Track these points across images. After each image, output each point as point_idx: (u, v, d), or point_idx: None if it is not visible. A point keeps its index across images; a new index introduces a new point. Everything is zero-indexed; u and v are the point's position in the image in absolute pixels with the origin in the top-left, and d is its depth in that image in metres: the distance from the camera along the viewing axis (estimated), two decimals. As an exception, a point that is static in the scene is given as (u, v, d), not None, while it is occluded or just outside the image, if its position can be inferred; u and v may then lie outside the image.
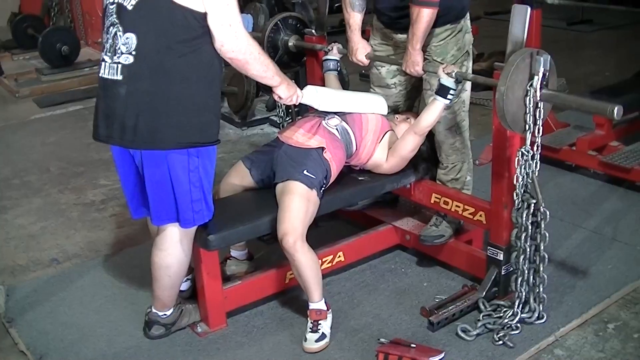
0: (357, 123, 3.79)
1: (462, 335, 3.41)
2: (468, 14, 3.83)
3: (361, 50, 4.03)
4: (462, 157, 3.93)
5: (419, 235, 3.96)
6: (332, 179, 3.66)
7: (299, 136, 3.69)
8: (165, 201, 3.19)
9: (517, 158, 3.34)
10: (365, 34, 4.11)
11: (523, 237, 3.37)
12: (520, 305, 3.44)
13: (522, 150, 3.30)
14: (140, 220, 3.73)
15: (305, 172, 3.50)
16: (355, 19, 4.02)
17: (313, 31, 4.36)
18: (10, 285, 4.14)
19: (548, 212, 3.36)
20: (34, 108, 8.15)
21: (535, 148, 3.30)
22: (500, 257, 3.55)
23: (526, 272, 3.41)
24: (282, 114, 4.89)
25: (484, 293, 3.59)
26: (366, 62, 4.06)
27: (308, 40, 4.36)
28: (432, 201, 3.96)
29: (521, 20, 3.20)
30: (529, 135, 3.26)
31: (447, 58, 3.74)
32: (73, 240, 4.73)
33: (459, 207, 3.81)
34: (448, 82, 3.50)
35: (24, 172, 6.03)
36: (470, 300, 3.59)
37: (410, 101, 4.17)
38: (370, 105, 3.90)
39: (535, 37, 5.09)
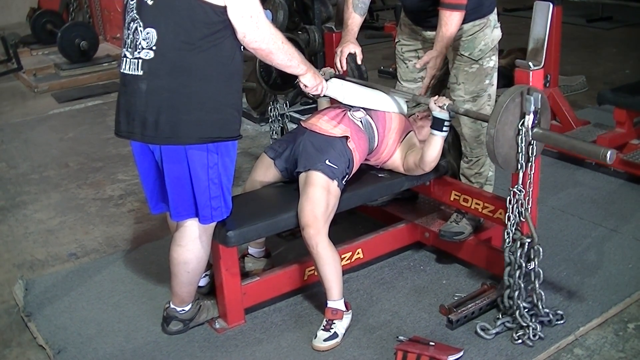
0: (380, 120, 3.78)
1: (481, 333, 3.39)
2: (495, 10, 3.81)
3: (346, 52, 3.92)
4: (486, 151, 3.91)
5: (439, 230, 3.95)
6: (354, 169, 3.67)
7: (323, 123, 3.69)
8: (184, 197, 3.19)
9: (508, 197, 3.32)
10: (384, 30, 4.08)
11: (517, 275, 3.34)
12: (531, 330, 3.37)
13: (515, 189, 3.28)
14: (158, 216, 3.75)
15: (327, 161, 3.50)
16: (354, 20, 3.98)
17: (333, 27, 4.34)
18: (29, 279, 4.15)
19: (541, 250, 3.32)
20: (53, 103, 8.19)
21: (528, 186, 3.27)
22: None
23: (522, 307, 3.37)
24: (274, 135, 4.87)
25: (502, 292, 3.57)
26: (344, 65, 3.94)
27: (328, 37, 4.34)
28: (451, 198, 3.94)
29: (543, 17, 3.17)
30: (521, 174, 3.24)
31: (475, 53, 3.74)
32: (91, 235, 4.75)
33: (478, 204, 3.79)
34: (442, 115, 3.51)
35: (42, 167, 6.06)
36: (489, 299, 3.58)
37: (436, 95, 4.15)
38: (392, 104, 3.88)
39: (555, 34, 5.07)
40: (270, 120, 4.85)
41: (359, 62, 3.98)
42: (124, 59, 3.11)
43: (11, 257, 4.50)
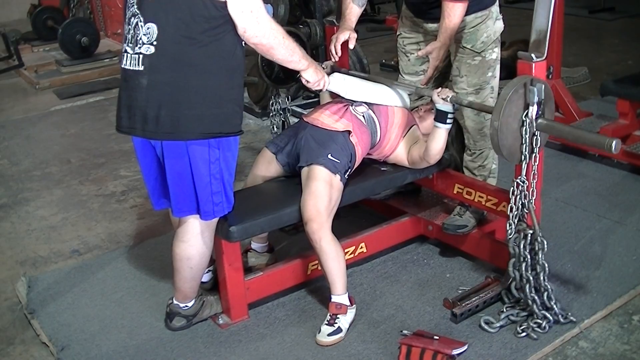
0: (383, 114, 3.77)
1: (485, 327, 3.38)
2: (497, 1, 3.80)
3: (341, 38, 3.90)
4: (489, 143, 3.90)
5: (442, 223, 3.94)
6: (357, 163, 3.66)
7: (325, 117, 3.68)
8: (185, 193, 3.18)
9: (511, 188, 3.29)
10: (385, 23, 4.06)
11: (523, 267, 3.31)
12: (532, 324, 3.35)
13: (518, 180, 3.26)
14: (160, 212, 3.74)
15: (329, 156, 3.49)
16: (352, 10, 3.97)
17: (334, 21, 4.32)
18: (32, 276, 4.15)
19: (546, 242, 3.30)
20: (54, 99, 8.19)
21: (532, 178, 3.25)
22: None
23: (530, 302, 3.35)
24: (275, 130, 4.79)
25: (508, 284, 3.55)
26: (338, 51, 3.93)
27: (329, 30, 4.33)
28: (454, 191, 3.93)
29: (545, 8, 3.15)
30: (524, 166, 3.22)
31: (477, 45, 3.73)
32: (94, 231, 4.74)
33: (482, 197, 3.78)
34: (445, 107, 3.49)
35: (44, 164, 6.06)
36: (493, 292, 3.56)
37: (438, 87, 4.14)
38: (394, 98, 3.86)
39: (557, 26, 5.05)
40: (271, 114, 4.81)
41: (352, 46, 3.95)
42: (125, 54, 3.10)
43: (14, 254, 4.50)
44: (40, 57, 9.94)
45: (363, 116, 3.71)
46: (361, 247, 3.89)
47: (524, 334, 3.31)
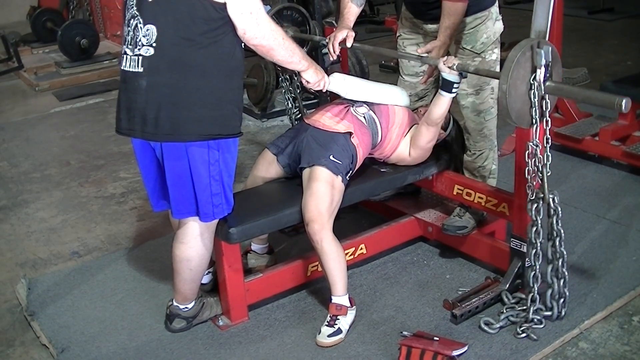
0: (384, 114, 3.77)
1: (485, 328, 3.37)
2: (497, 2, 3.80)
3: (339, 37, 3.89)
4: (490, 144, 3.91)
5: (442, 224, 3.94)
6: (358, 165, 3.66)
7: (326, 119, 3.68)
8: (185, 195, 3.18)
9: (526, 152, 3.28)
10: (385, 24, 4.05)
11: (533, 232, 3.32)
12: (534, 304, 3.37)
13: (531, 144, 3.24)
14: (160, 213, 3.74)
15: (331, 157, 3.49)
16: (350, 9, 3.96)
17: (333, 22, 4.31)
18: (32, 278, 4.15)
19: (560, 208, 3.29)
20: (54, 101, 8.18)
21: (544, 141, 3.24)
22: (524, 249, 3.49)
23: (538, 269, 3.35)
24: (290, 106, 4.81)
25: (507, 285, 3.55)
26: (336, 50, 3.92)
27: (328, 31, 4.33)
28: (454, 192, 3.93)
29: (544, 9, 3.15)
30: (536, 129, 3.21)
31: (477, 46, 3.73)
32: (94, 233, 4.74)
33: (481, 198, 3.78)
34: (450, 76, 3.47)
35: (44, 166, 6.05)
36: (493, 293, 3.56)
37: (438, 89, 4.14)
38: (394, 97, 3.87)
39: (556, 27, 5.05)
40: (284, 92, 4.78)
41: (349, 45, 3.94)
42: (125, 55, 3.10)
43: (14, 256, 4.49)
44: (39, 59, 9.93)
45: (364, 117, 3.71)
46: (361, 249, 3.90)
47: (523, 334, 3.31)
